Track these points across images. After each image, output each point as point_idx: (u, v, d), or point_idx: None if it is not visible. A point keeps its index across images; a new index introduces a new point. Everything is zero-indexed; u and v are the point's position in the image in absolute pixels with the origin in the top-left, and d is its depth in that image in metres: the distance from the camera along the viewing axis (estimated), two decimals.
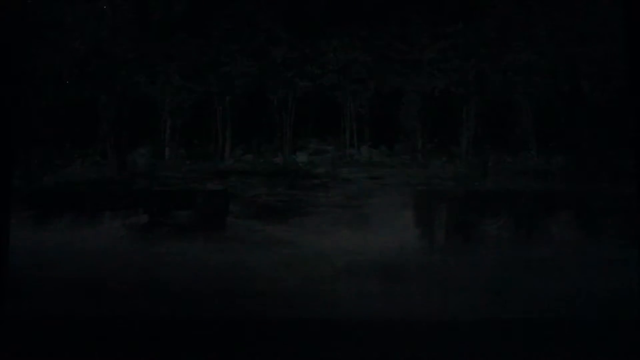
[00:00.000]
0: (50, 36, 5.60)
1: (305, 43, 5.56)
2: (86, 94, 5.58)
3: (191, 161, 5.52)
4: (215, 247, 5.31)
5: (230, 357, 4.90)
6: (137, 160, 5.52)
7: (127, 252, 5.30)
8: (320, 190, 5.40)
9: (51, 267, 5.24)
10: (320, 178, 5.44)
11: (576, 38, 5.48)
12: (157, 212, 5.41)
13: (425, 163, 5.45)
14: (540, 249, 5.22)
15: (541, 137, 5.44)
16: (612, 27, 5.44)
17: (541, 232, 5.26)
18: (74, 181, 5.49)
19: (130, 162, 5.52)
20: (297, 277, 5.18)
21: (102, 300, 5.17)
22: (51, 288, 5.19)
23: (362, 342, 4.92)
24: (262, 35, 5.59)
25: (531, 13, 5.51)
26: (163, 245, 5.33)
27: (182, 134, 5.56)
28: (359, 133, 5.51)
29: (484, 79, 5.50)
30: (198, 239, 5.34)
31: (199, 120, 5.57)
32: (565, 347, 4.79)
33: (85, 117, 5.56)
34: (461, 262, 5.22)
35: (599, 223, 5.25)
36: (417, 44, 5.53)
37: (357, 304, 5.12)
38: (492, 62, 5.51)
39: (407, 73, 5.52)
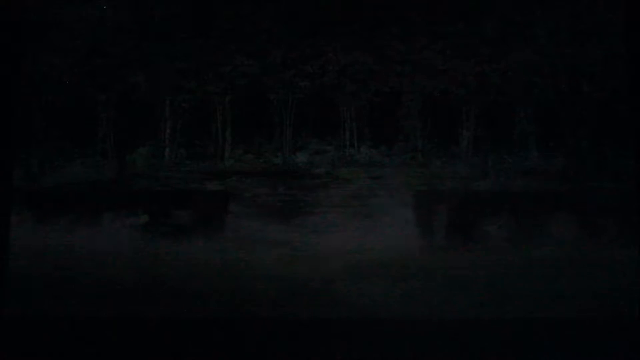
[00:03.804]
0: (50, 36, 5.60)
1: (305, 43, 5.56)
2: (86, 94, 5.58)
3: (191, 161, 5.51)
4: (215, 247, 5.31)
5: (231, 357, 4.90)
6: (137, 160, 5.52)
7: (127, 252, 5.30)
8: (320, 190, 5.40)
9: (51, 267, 5.24)
10: (320, 178, 5.44)
11: (576, 38, 5.48)
12: (157, 212, 5.41)
13: (425, 163, 5.45)
14: (540, 249, 5.22)
15: (541, 137, 5.44)
16: (612, 27, 5.45)
17: (541, 232, 5.26)
18: (74, 181, 5.49)
19: (130, 162, 5.52)
20: (297, 277, 5.19)
21: (102, 300, 5.17)
22: (51, 288, 5.18)
23: (362, 342, 4.92)
24: (262, 35, 5.59)
25: (531, 13, 5.51)
26: (163, 245, 5.33)
27: (182, 134, 5.56)
28: (359, 133, 5.51)
29: (484, 79, 5.50)
30: (198, 239, 5.35)
31: (199, 120, 5.57)
32: (565, 347, 4.79)
33: (85, 117, 5.56)
34: (461, 262, 5.22)
35: (599, 223, 5.25)
36: (417, 44, 5.53)
37: (357, 304, 5.12)
38: (492, 62, 5.50)
39: (407, 73, 5.52)
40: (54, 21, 5.61)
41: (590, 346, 4.76)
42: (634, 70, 5.29)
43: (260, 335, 5.01)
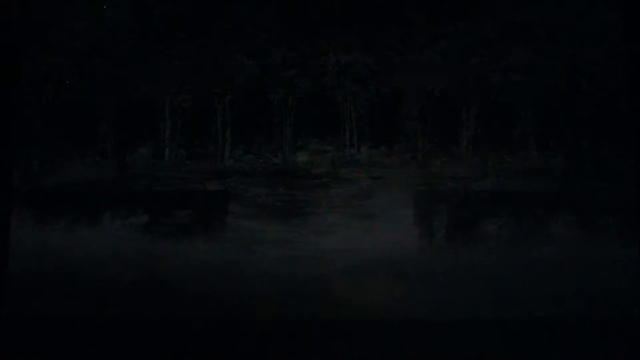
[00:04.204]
0: (50, 36, 5.60)
1: (305, 43, 5.56)
2: (86, 94, 5.58)
3: (191, 161, 5.52)
4: (215, 247, 5.31)
5: (231, 357, 4.90)
6: (137, 160, 5.52)
7: (127, 252, 5.30)
8: (320, 190, 5.41)
9: (51, 267, 5.25)
10: (320, 178, 5.44)
11: (576, 38, 5.48)
12: (157, 212, 5.41)
13: (425, 163, 5.45)
14: (540, 249, 5.22)
15: (541, 137, 5.44)
16: (612, 27, 5.45)
17: (541, 232, 5.27)
18: (74, 181, 5.49)
19: (130, 162, 5.52)
20: (297, 277, 5.19)
21: (102, 300, 5.17)
22: (51, 288, 5.19)
23: (362, 342, 4.92)
24: (262, 35, 5.59)
25: (531, 13, 5.51)
26: (163, 245, 5.33)
27: (182, 134, 5.56)
28: (359, 133, 5.51)
29: (484, 79, 5.50)
30: (198, 239, 5.35)
31: (199, 120, 5.57)
32: (565, 347, 4.80)
33: (85, 117, 5.56)
34: (461, 262, 5.22)
35: (599, 223, 5.25)
36: (417, 44, 5.53)
37: (357, 304, 5.12)
38: (492, 62, 5.50)
39: (407, 73, 5.52)
40: (54, 21, 5.61)
41: (590, 346, 4.76)
42: (634, 70, 5.29)
43: (260, 335, 5.02)
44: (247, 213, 5.39)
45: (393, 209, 5.34)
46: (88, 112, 5.56)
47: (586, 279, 5.08)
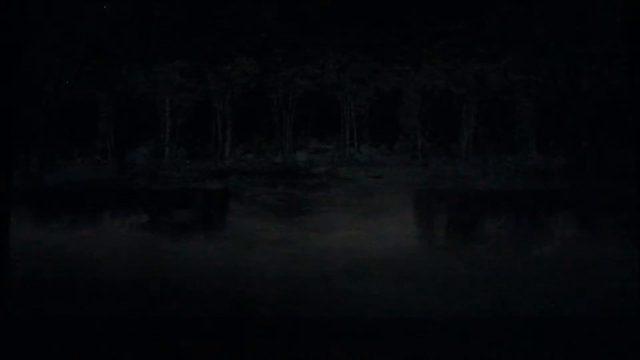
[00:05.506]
0: (50, 36, 5.61)
1: (306, 42, 5.56)
2: (86, 94, 5.58)
3: (191, 161, 5.52)
4: (215, 247, 5.31)
5: (231, 357, 4.90)
6: (137, 160, 5.52)
7: (127, 252, 5.30)
8: (320, 190, 5.41)
9: (51, 267, 5.24)
10: (320, 177, 5.44)
11: (576, 38, 5.48)
12: (157, 212, 5.41)
13: (425, 163, 5.45)
14: (541, 249, 5.22)
15: (541, 137, 5.44)
16: (612, 27, 5.45)
17: (541, 232, 5.26)
18: (74, 181, 5.49)
19: (130, 162, 5.52)
20: (297, 277, 5.18)
21: (102, 300, 5.17)
22: (51, 288, 5.18)
23: (362, 342, 4.92)
24: (262, 35, 5.59)
25: (531, 12, 5.52)
26: (163, 245, 5.33)
27: (182, 133, 5.56)
28: (359, 132, 5.52)
29: (484, 78, 5.50)
30: (198, 239, 5.35)
31: (199, 120, 5.57)
32: (565, 347, 4.79)
33: (85, 117, 5.57)
34: (461, 262, 5.22)
35: (599, 222, 5.25)
36: (417, 43, 5.53)
37: (357, 304, 5.12)
38: (492, 62, 5.51)
39: (407, 73, 5.52)
40: (54, 21, 5.62)
41: (590, 346, 4.75)
42: (634, 70, 5.29)
43: (260, 335, 5.01)
44: (247, 212, 5.39)
45: (393, 208, 5.34)
46: (88, 111, 5.57)
47: (586, 279, 5.07)
